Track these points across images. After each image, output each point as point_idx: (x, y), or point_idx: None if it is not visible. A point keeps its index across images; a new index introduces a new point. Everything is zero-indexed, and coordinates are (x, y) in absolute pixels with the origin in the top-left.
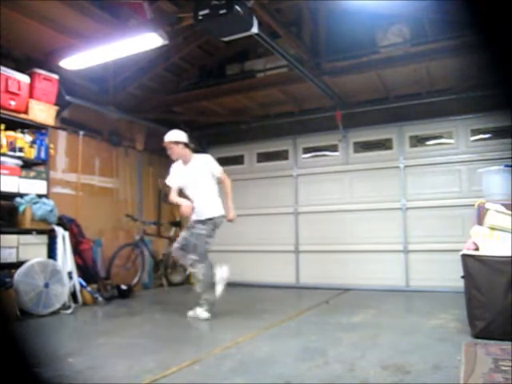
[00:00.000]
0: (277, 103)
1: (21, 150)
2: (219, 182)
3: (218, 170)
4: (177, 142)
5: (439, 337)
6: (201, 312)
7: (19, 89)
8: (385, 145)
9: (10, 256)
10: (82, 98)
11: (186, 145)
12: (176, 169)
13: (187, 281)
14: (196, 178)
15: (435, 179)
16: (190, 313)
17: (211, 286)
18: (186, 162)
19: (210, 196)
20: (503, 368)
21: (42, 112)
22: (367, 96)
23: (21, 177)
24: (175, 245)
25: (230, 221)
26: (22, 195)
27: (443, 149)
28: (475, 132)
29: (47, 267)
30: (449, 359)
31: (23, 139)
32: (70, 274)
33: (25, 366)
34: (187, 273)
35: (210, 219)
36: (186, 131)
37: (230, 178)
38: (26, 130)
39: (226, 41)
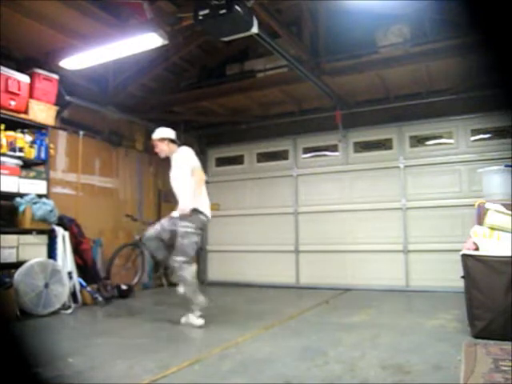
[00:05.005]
0: (277, 103)
1: (21, 150)
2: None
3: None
4: (162, 139)
5: (439, 337)
6: (194, 319)
7: (19, 89)
8: (385, 145)
9: (10, 256)
10: (82, 97)
11: (171, 141)
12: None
13: None
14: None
15: (435, 179)
16: (183, 319)
17: (197, 288)
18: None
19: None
20: (503, 368)
21: (42, 112)
22: (367, 96)
23: (21, 177)
24: (151, 232)
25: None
26: (21, 195)
27: (443, 149)
28: (475, 132)
29: (47, 267)
30: (449, 359)
31: (23, 139)
32: (69, 273)
33: (25, 366)
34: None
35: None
36: (185, 131)
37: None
38: (25, 130)
39: (225, 41)
